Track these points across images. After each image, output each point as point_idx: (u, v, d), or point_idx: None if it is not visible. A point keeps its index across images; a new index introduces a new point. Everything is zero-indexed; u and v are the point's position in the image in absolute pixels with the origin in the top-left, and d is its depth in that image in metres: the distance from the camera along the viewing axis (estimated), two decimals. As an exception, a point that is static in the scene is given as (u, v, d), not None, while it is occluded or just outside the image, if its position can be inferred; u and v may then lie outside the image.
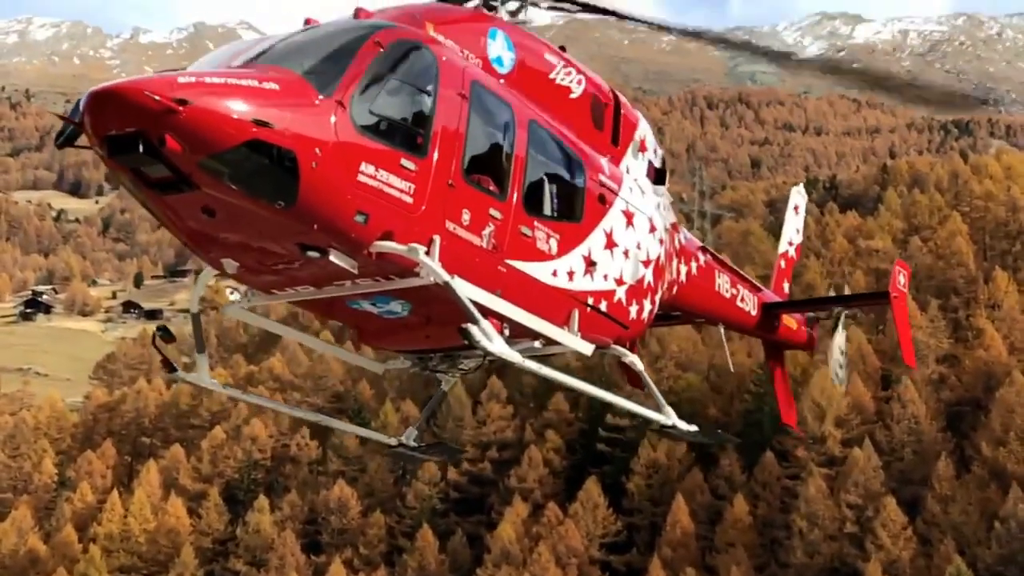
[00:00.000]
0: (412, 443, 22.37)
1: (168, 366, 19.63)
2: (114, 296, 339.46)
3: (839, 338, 27.79)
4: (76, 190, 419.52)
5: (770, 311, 26.84)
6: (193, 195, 14.30)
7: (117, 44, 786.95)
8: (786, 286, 29.65)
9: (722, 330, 26.03)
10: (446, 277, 15.35)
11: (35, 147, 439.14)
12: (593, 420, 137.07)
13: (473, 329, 15.53)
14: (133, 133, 13.62)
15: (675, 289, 22.46)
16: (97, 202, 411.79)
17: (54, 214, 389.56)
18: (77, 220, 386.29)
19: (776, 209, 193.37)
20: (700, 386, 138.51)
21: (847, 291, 28.10)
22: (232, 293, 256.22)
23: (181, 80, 13.84)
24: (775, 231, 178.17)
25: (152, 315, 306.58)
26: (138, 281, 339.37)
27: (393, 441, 22.41)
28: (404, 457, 22.80)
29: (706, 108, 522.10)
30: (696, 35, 21.48)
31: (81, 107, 13.98)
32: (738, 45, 20.97)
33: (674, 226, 22.44)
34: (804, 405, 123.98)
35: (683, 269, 22.82)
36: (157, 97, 13.42)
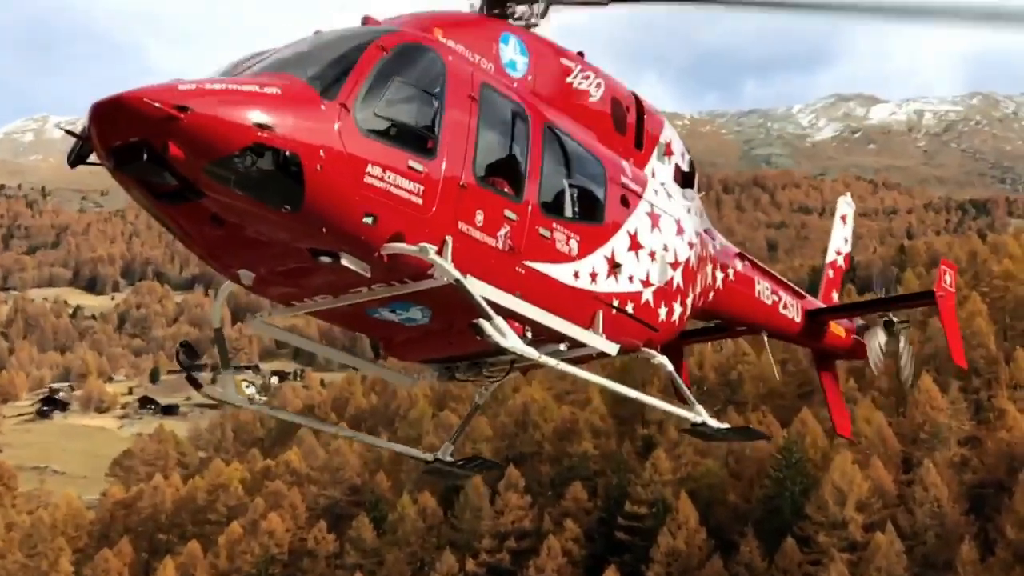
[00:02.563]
0: (448, 458, 22.05)
1: (194, 383, 19.45)
2: (130, 392, 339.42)
3: (880, 338, 27.44)
4: (92, 287, 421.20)
5: (815, 318, 26.62)
6: (201, 203, 14.27)
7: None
8: (835, 296, 29.57)
9: (765, 337, 25.62)
10: (457, 275, 15.33)
11: (51, 244, 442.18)
12: (611, 508, 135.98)
13: (485, 324, 15.49)
14: (137, 142, 13.62)
15: (711, 295, 22.32)
16: (113, 298, 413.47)
17: (70, 311, 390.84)
18: (93, 316, 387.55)
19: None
20: (719, 472, 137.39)
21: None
22: (248, 387, 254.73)
23: (182, 87, 13.84)
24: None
25: (169, 410, 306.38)
26: (154, 376, 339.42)
27: (429, 457, 22.05)
28: (441, 473, 22.55)
29: (722, 191, 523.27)
30: (736, 3, 21.18)
31: (86, 121, 13.95)
32: (784, 4, 20.40)
33: (708, 232, 22.36)
34: (825, 490, 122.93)
35: (719, 275, 22.64)
36: (158, 104, 13.42)
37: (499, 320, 15.67)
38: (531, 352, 16.40)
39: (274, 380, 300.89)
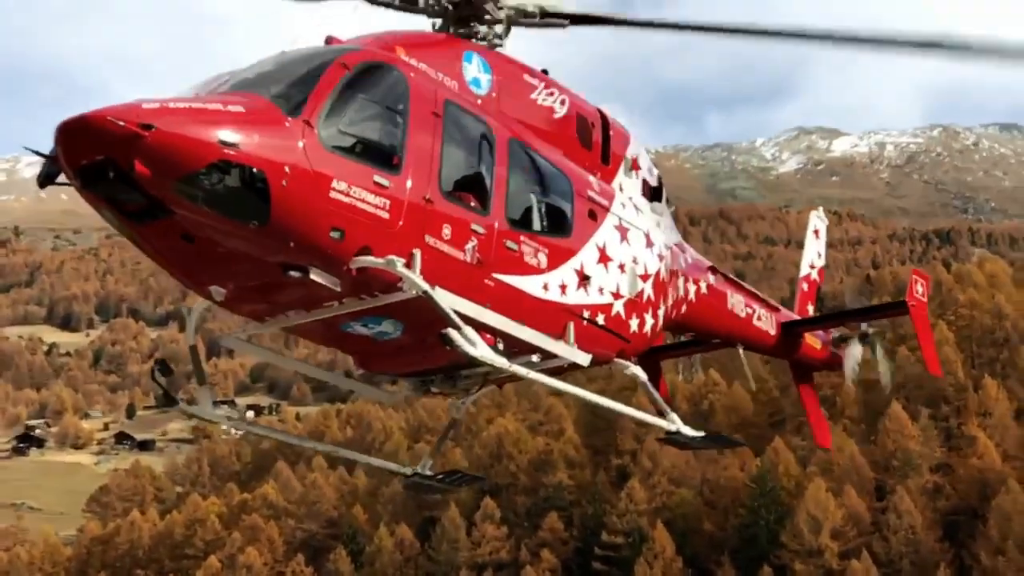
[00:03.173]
0: (428, 472, 22.06)
1: (169, 400, 19.40)
2: (106, 428, 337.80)
3: (856, 352, 27.67)
4: (67, 323, 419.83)
5: (790, 330, 26.88)
6: (169, 221, 14.42)
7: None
8: (810, 309, 29.72)
9: (740, 350, 25.79)
10: (425, 286, 15.44)
11: (25, 283, 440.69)
12: (588, 538, 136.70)
13: (453, 334, 15.64)
14: (103, 161, 13.79)
15: (684, 308, 22.55)
16: (88, 335, 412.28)
17: (45, 348, 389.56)
18: (68, 353, 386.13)
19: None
20: (694, 501, 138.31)
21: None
22: (226, 433, 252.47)
23: (146, 106, 13.97)
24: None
25: (145, 446, 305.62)
26: (130, 412, 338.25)
27: (408, 471, 22.14)
28: (421, 488, 22.64)
29: (688, 224, 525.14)
30: (697, 28, 20.53)
31: (53, 141, 14.10)
32: (744, 31, 20.24)
33: (679, 245, 22.55)
34: (800, 518, 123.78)
35: (691, 288, 22.85)
36: (122, 123, 13.57)
37: (468, 330, 15.82)
38: (501, 361, 16.48)
39: (250, 414, 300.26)
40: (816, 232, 31.50)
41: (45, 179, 15.15)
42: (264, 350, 20.40)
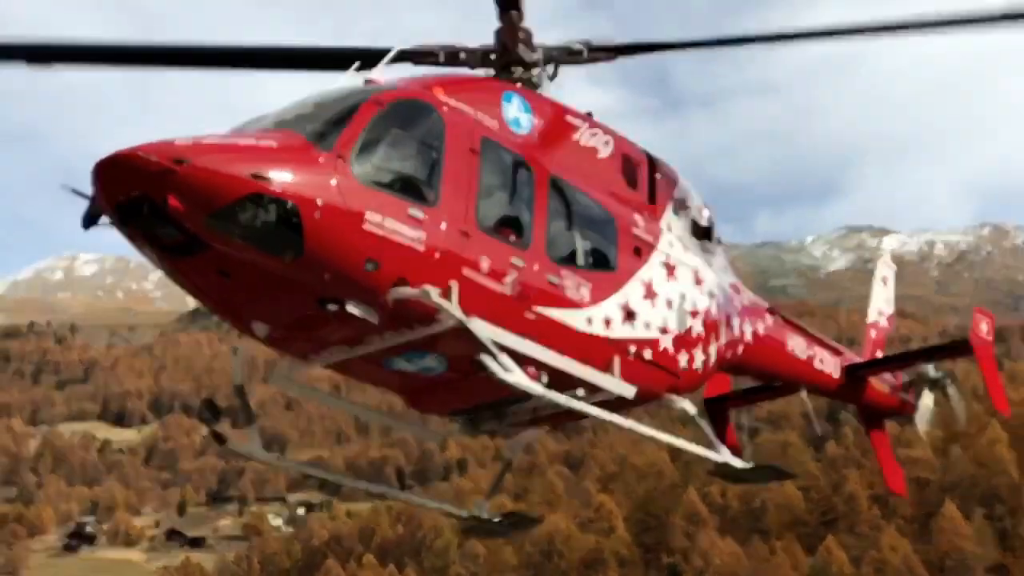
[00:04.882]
0: (484, 515, 22.02)
1: (219, 438, 19.20)
2: (157, 525, 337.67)
3: (928, 400, 27.55)
4: (120, 420, 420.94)
5: (854, 373, 26.41)
6: (205, 256, 14.67)
7: (159, 277, 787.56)
8: (879, 355, 29.17)
9: (804, 394, 25.70)
10: (460, 315, 15.57)
11: (80, 379, 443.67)
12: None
13: (487, 359, 15.71)
14: (138, 197, 14.09)
15: (741, 348, 22.34)
16: (141, 431, 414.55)
17: (98, 445, 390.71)
18: (121, 450, 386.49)
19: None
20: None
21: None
22: (276, 518, 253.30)
23: (179, 142, 14.27)
24: (814, 443, 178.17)
25: (196, 543, 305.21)
26: (181, 509, 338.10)
27: (465, 513, 22.22)
28: (479, 530, 22.64)
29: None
30: (745, 40, 20.62)
31: (91, 181, 14.41)
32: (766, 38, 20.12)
33: (734, 286, 22.49)
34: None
35: (748, 328, 22.64)
36: (155, 158, 13.90)
37: (503, 356, 15.86)
38: (537, 388, 16.41)
39: (300, 511, 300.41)
40: (884, 279, 31.30)
41: (88, 221, 15.57)
42: (309, 388, 20.30)
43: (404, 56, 19.01)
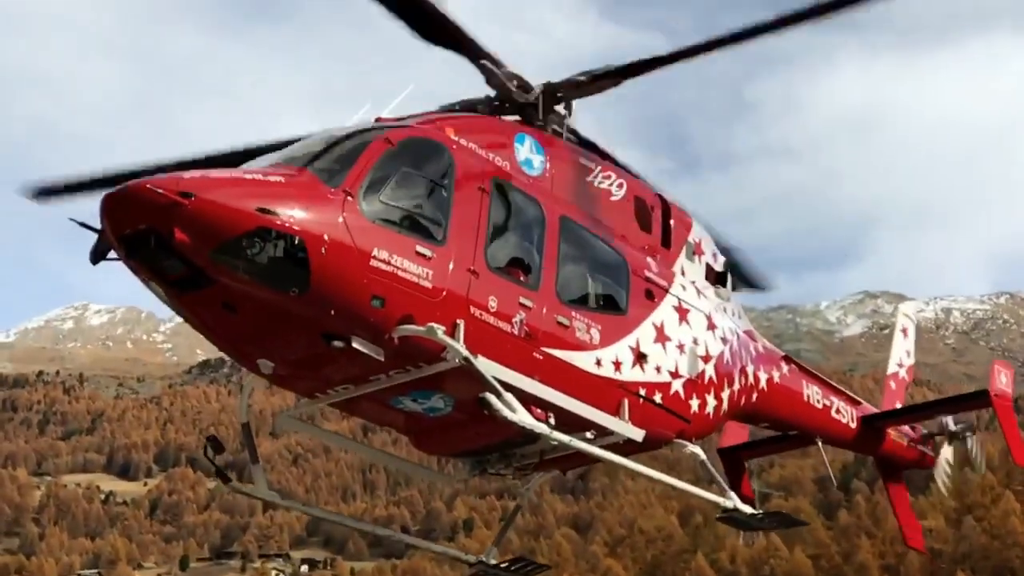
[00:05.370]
0: (492, 561, 21.96)
1: (223, 477, 19.35)
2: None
3: (947, 453, 27.31)
4: (125, 472, 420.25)
5: (871, 423, 26.25)
6: (211, 290, 14.66)
7: (169, 328, 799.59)
8: (899, 407, 28.86)
9: (820, 443, 25.23)
10: (465, 352, 15.39)
11: (86, 430, 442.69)
12: None
13: (491, 398, 15.62)
14: (145, 229, 14.16)
15: (755, 396, 22.08)
16: (145, 484, 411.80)
17: (103, 497, 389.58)
18: (125, 503, 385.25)
19: (824, 487, 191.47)
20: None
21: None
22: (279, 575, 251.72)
23: (186, 177, 14.41)
24: (825, 509, 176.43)
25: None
26: (184, 564, 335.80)
27: (472, 559, 22.10)
28: None
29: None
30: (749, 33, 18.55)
31: (99, 215, 14.55)
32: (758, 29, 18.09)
33: (748, 332, 22.39)
34: None
35: (763, 375, 22.39)
36: (162, 191, 13.97)
37: (508, 395, 15.76)
38: (541, 427, 16.33)
39: (304, 568, 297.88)
40: (904, 331, 31.20)
41: (96, 255, 15.47)
42: (315, 428, 20.26)
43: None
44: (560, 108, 19.66)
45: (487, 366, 15.71)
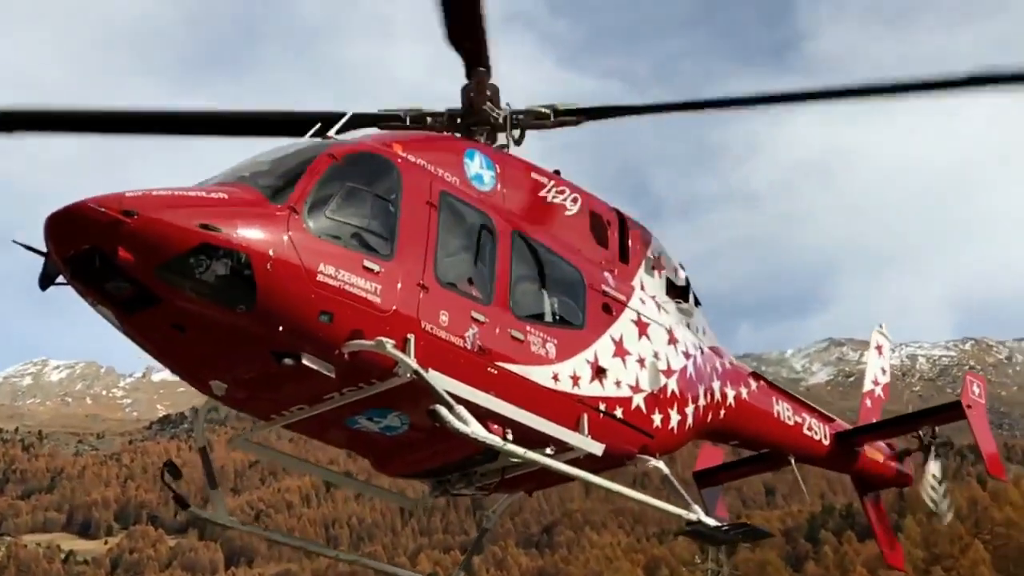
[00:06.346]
0: None
1: (181, 502, 19.13)
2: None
3: (933, 467, 26.51)
4: (86, 530, 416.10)
5: (845, 440, 26.10)
6: (158, 309, 14.44)
7: (129, 383, 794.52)
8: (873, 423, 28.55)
9: (792, 461, 24.95)
10: (415, 366, 15.20)
11: (46, 489, 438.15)
12: None
13: (442, 410, 15.31)
14: (89, 249, 13.98)
15: (723, 412, 21.95)
16: (106, 542, 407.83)
17: (63, 556, 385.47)
18: (86, 561, 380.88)
19: (792, 539, 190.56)
20: None
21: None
22: None
23: (129, 194, 14.20)
24: (792, 561, 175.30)
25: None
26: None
27: None
28: None
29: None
30: (718, 104, 20.65)
31: (44, 236, 14.31)
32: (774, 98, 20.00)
33: (715, 349, 22.19)
34: None
35: (730, 391, 22.30)
36: (104, 210, 13.82)
37: (459, 408, 15.54)
38: (494, 439, 16.00)
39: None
40: (879, 348, 31.01)
41: (45, 280, 15.09)
42: (271, 451, 20.05)
43: (367, 120, 19.28)
44: (515, 133, 19.90)
45: (439, 380, 15.54)
